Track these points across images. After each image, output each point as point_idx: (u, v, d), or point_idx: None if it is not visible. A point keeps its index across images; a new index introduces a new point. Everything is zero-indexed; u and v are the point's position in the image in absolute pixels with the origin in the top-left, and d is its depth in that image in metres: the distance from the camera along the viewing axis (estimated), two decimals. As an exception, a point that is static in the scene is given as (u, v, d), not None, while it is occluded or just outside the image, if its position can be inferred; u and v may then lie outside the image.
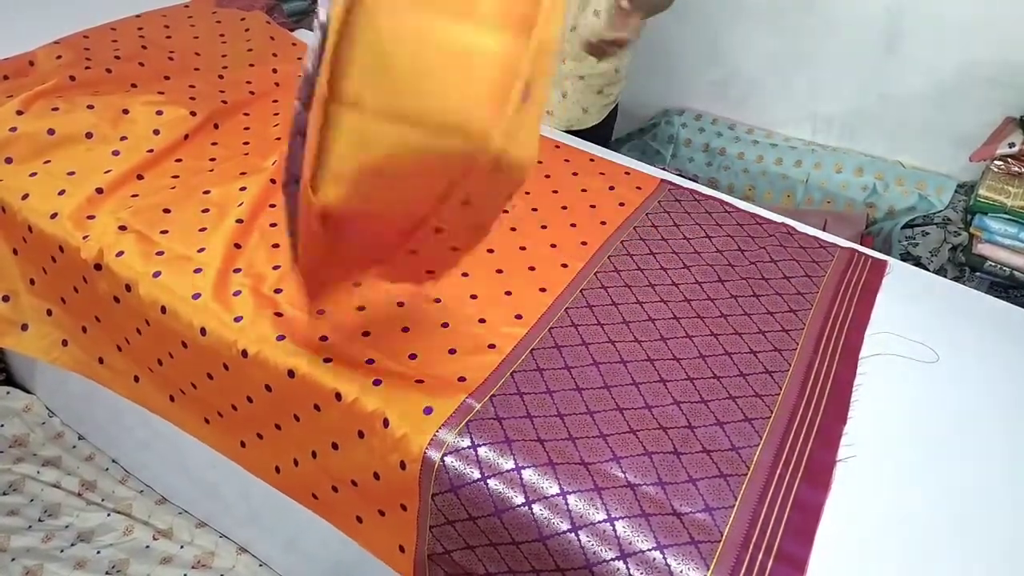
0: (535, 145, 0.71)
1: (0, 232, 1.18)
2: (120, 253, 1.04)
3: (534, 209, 1.21)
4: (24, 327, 1.21)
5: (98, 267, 1.05)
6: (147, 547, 1.56)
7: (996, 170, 1.63)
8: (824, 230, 1.28)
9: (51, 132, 1.20)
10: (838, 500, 0.83)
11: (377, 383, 0.89)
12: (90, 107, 1.24)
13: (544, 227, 1.18)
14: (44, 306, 1.20)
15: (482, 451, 0.84)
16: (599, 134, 1.51)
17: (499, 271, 1.08)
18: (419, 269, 0.85)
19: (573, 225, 1.19)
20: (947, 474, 0.88)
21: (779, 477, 0.85)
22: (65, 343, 1.20)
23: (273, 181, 1.18)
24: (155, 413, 1.14)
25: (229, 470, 1.08)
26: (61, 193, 1.11)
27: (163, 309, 1.00)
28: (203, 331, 0.97)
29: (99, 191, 1.12)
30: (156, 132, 1.24)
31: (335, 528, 1.00)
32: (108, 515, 1.60)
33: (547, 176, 1.30)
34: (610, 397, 0.91)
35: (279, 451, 1.01)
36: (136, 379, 1.14)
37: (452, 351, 0.95)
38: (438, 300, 1.02)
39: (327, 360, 0.91)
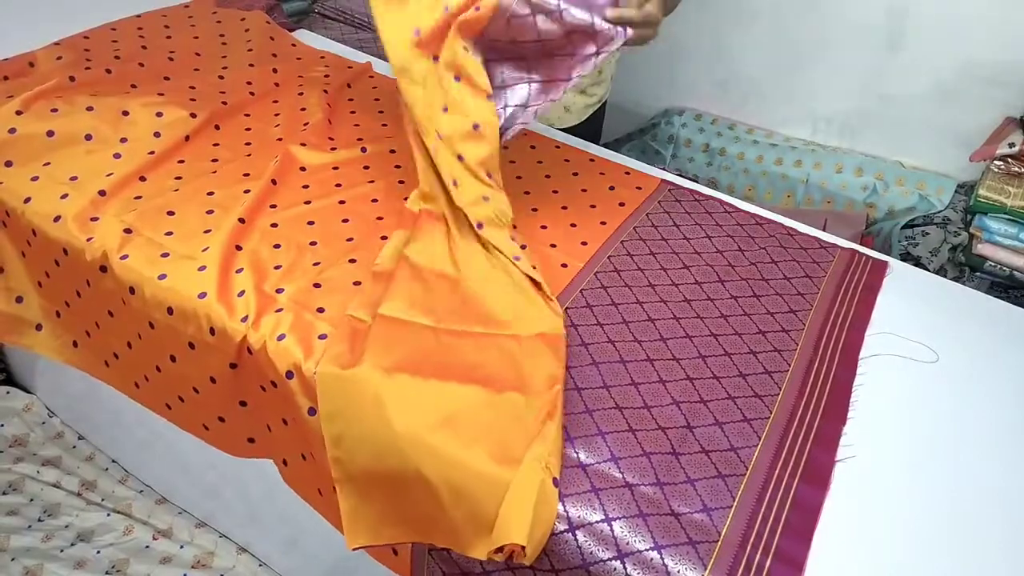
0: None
1: (7, 235, 1.18)
2: (124, 256, 1.04)
3: (534, 209, 1.21)
4: (39, 327, 1.22)
5: (103, 269, 1.05)
6: (147, 547, 1.56)
7: (996, 170, 1.63)
8: (824, 230, 1.27)
9: (50, 134, 1.20)
10: (837, 500, 0.83)
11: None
12: (89, 109, 1.25)
13: (544, 227, 1.18)
14: (52, 308, 1.20)
15: (481, 451, 0.84)
16: (583, 135, 1.49)
17: (499, 271, 1.08)
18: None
19: (573, 225, 1.19)
20: (946, 474, 0.88)
21: (778, 477, 0.85)
22: (76, 344, 1.21)
23: (274, 182, 1.18)
24: (160, 415, 1.14)
25: (229, 470, 1.08)
26: (64, 197, 1.11)
27: (170, 310, 1.00)
28: (212, 331, 0.97)
29: (102, 193, 1.12)
30: (157, 134, 1.24)
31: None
32: (108, 515, 1.61)
33: (547, 176, 1.30)
34: (609, 397, 0.91)
35: (289, 445, 1.01)
36: (136, 385, 1.14)
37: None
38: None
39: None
